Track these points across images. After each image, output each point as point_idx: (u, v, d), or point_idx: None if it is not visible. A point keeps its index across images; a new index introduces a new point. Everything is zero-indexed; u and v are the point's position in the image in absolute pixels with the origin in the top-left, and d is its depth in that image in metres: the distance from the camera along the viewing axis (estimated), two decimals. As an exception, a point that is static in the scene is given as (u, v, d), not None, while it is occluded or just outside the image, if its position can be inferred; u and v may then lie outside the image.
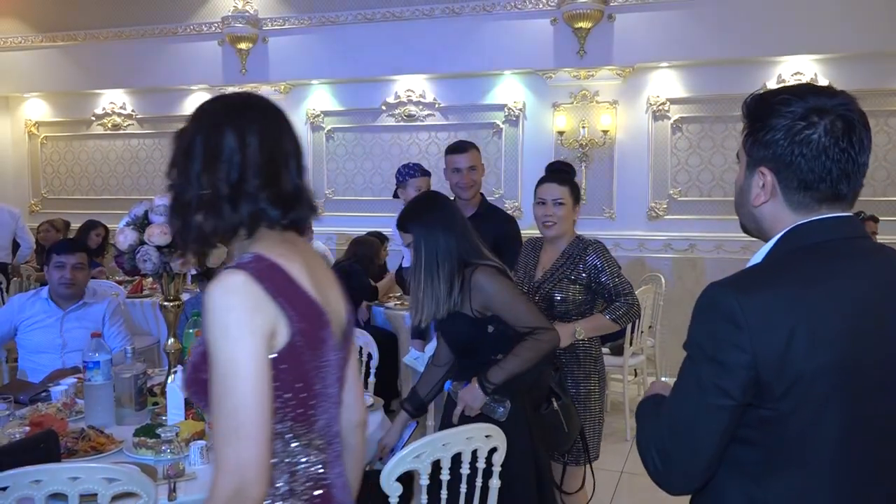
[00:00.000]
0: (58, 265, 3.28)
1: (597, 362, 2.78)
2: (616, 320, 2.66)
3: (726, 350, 1.17)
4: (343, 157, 7.31)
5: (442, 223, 2.23)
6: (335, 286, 1.44)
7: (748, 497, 1.20)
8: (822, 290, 1.17)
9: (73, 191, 8.36)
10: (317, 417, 1.28)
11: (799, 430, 1.15)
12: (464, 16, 6.59)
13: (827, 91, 1.24)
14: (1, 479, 1.62)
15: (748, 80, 6.04)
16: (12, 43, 8.10)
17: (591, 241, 2.75)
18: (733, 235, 6.07)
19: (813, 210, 1.24)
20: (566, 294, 2.64)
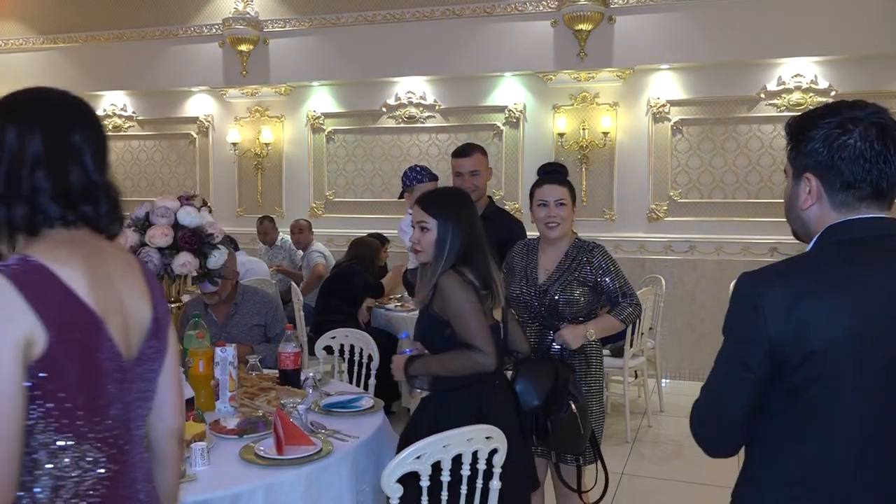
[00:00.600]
0: None
1: (602, 363, 2.81)
2: (623, 320, 2.68)
3: (748, 330, 1.35)
4: (343, 158, 7.32)
5: (465, 225, 2.28)
6: (136, 288, 1.34)
7: (775, 462, 1.37)
8: (840, 280, 1.32)
9: (73, 192, 8.36)
10: (89, 428, 1.21)
11: (817, 403, 1.30)
12: (464, 18, 6.60)
13: (859, 104, 1.37)
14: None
15: (748, 83, 6.06)
16: (13, 45, 8.11)
17: (593, 243, 2.76)
18: (733, 237, 6.09)
19: (854, 209, 1.35)
20: (575, 296, 2.64)
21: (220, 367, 2.64)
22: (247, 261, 5.70)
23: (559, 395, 2.45)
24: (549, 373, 2.49)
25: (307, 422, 2.38)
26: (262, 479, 2.00)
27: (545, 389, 2.45)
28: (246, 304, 3.57)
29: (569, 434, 2.46)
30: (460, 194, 2.44)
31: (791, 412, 1.34)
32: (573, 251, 2.71)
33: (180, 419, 1.49)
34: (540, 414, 2.44)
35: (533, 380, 2.48)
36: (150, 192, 7.81)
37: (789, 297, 1.30)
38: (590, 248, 2.72)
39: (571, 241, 2.74)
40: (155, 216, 2.49)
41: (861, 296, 1.30)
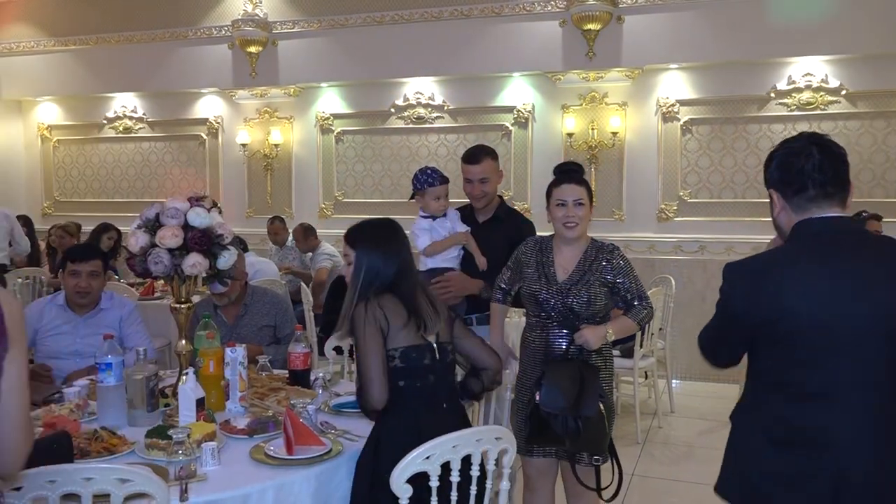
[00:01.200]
0: (73, 273, 3.26)
1: (612, 364, 2.81)
2: (639, 323, 2.68)
3: (727, 304, 1.87)
4: (352, 159, 7.33)
5: (385, 256, 2.29)
6: None
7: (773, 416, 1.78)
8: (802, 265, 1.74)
9: (84, 193, 8.42)
10: None
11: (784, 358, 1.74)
12: (473, 18, 6.60)
13: (802, 135, 1.85)
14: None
15: (758, 82, 6.03)
16: (25, 47, 8.17)
17: (611, 244, 2.75)
18: (744, 237, 6.05)
19: (807, 211, 1.77)
20: (595, 296, 2.62)
21: (230, 368, 2.65)
22: (256, 261, 5.72)
23: (589, 396, 2.45)
24: (573, 374, 2.49)
25: (317, 422, 2.38)
26: (272, 479, 2.00)
27: (572, 391, 2.45)
28: (255, 304, 3.58)
29: (596, 434, 2.48)
30: (385, 226, 2.41)
31: (766, 364, 1.80)
32: (592, 251, 2.70)
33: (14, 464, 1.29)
34: (569, 416, 2.43)
35: (558, 382, 2.47)
36: (160, 194, 7.86)
37: (757, 276, 1.77)
38: (609, 248, 2.71)
39: (588, 242, 2.73)
40: (165, 217, 2.50)
41: (811, 275, 1.72)
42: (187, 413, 2.35)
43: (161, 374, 2.79)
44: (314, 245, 6.54)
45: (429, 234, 3.21)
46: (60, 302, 3.35)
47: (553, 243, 2.76)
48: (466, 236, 3.22)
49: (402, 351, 2.21)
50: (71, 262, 3.28)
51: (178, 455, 2.06)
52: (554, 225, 2.71)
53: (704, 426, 5.07)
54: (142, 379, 2.46)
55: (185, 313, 2.66)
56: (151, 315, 5.35)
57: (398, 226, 2.43)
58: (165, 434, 2.15)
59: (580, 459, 2.63)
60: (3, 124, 8.37)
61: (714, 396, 5.75)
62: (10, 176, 8.31)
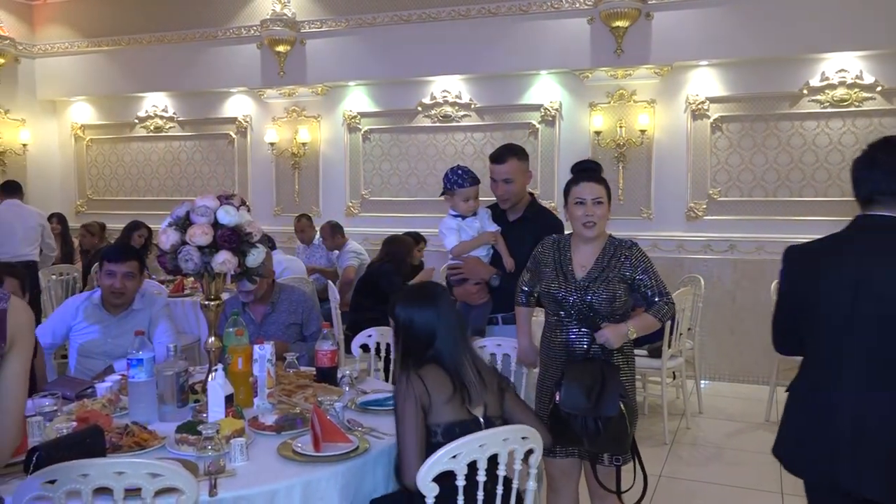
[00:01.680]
0: (108, 273, 3.28)
1: (634, 363, 2.78)
2: (660, 319, 2.65)
3: (780, 285, 2.21)
4: (379, 157, 7.36)
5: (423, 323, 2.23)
6: None
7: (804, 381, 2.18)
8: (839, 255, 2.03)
9: (116, 192, 8.56)
10: None
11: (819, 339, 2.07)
12: (500, 16, 6.58)
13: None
14: (50, 473, 1.67)
15: (790, 79, 5.93)
16: (59, 48, 8.32)
17: (630, 241, 2.72)
18: (774, 236, 5.96)
19: (866, 208, 2.04)
20: (615, 293, 2.61)
21: (258, 365, 2.67)
22: (284, 259, 5.76)
23: (610, 396, 2.43)
24: (595, 373, 2.47)
25: (344, 419, 2.39)
26: (300, 476, 2.02)
27: (593, 390, 2.43)
28: (283, 302, 3.61)
29: (618, 434, 2.46)
30: (424, 288, 2.37)
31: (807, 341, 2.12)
32: (610, 248, 2.68)
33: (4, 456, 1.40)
34: (590, 416, 2.41)
35: (578, 382, 2.45)
36: (189, 192, 7.96)
37: (803, 260, 2.10)
38: (627, 245, 2.69)
39: (606, 239, 2.71)
40: (195, 215, 2.52)
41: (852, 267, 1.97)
42: (216, 409, 2.37)
43: (190, 370, 2.82)
44: (341, 243, 6.57)
45: (457, 233, 3.21)
46: (96, 301, 3.37)
47: (571, 242, 2.74)
48: (495, 236, 3.21)
49: (446, 427, 2.11)
50: (107, 262, 3.29)
51: (207, 451, 2.08)
52: (572, 224, 2.69)
53: (733, 428, 5.00)
54: (172, 375, 2.49)
55: (215, 310, 2.68)
56: (181, 312, 5.43)
57: (441, 289, 2.37)
58: (195, 430, 2.17)
59: (601, 460, 2.60)
60: (39, 124, 8.53)
61: (743, 398, 5.68)
62: (45, 174, 8.47)
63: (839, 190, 5.79)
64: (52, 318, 3.39)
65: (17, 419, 1.55)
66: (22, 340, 1.47)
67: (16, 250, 6.35)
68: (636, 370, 5.01)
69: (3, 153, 8.10)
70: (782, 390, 5.28)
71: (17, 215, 6.46)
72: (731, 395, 5.77)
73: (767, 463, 4.32)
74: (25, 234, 6.45)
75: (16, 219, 6.43)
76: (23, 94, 8.34)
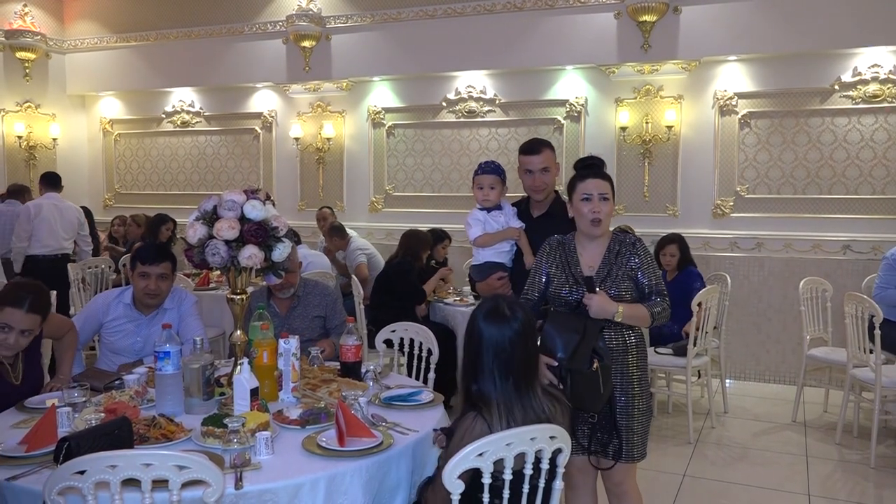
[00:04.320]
0: (142, 274, 3.28)
1: (645, 357, 2.70)
2: (653, 315, 2.56)
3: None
4: (403, 153, 7.36)
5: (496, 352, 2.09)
6: None
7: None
8: None
9: (143, 186, 8.66)
10: None
11: None
12: (525, 11, 6.55)
13: None
14: (80, 464, 1.69)
15: (821, 74, 5.84)
16: (89, 44, 8.43)
17: (633, 236, 2.67)
18: (803, 234, 5.88)
19: None
20: (625, 290, 2.56)
21: (283, 358, 2.68)
22: (308, 254, 5.79)
23: (584, 350, 2.38)
24: (576, 326, 2.43)
25: (368, 414, 2.40)
26: (324, 470, 2.02)
27: (571, 342, 2.39)
28: (308, 296, 3.63)
29: (588, 391, 2.38)
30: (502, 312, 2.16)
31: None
32: (615, 245, 2.63)
33: None
34: (563, 366, 2.37)
35: (559, 331, 2.42)
36: (215, 186, 8.03)
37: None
38: (631, 241, 2.64)
39: (611, 236, 2.66)
40: (222, 209, 2.54)
41: None
42: (242, 402, 2.39)
43: (216, 363, 2.83)
44: (342, 245, 6.47)
45: (482, 225, 3.20)
46: (127, 301, 3.37)
47: (576, 241, 2.68)
48: (518, 232, 3.19)
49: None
50: (141, 263, 3.29)
51: (232, 443, 2.10)
52: (578, 221, 2.63)
53: (759, 428, 4.94)
54: (198, 368, 2.51)
55: (241, 304, 2.70)
56: (206, 305, 5.48)
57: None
58: (221, 423, 2.19)
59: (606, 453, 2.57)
60: (69, 119, 8.66)
61: (770, 398, 5.61)
62: (74, 168, 8.59)
63: (870, 187, 5.69)
64: (81, 315, 3.41)
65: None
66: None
67: (59, 244, 6.52)
68: (660, 369, 4.98)
69: (34, 147, 8.23)
70: (810, 390, 5.27)
71: (58, 210, 6.59)
72: (757, 395, 5.70)
73: (794, 464, 4.28)
74: (65, 228, 6.60)
75: (57, 214, 6.57)
76: (53, 90, 8.47)
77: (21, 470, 1.98)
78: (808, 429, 4.88)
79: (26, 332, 2.73)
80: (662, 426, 4.95)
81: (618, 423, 2.54)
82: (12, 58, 8.05)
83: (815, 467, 4.22)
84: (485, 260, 3.23)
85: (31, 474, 1.97)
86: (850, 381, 4.59)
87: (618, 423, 2.54)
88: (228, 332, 4.82)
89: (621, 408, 2.56)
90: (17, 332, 2.70)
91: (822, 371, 5.27)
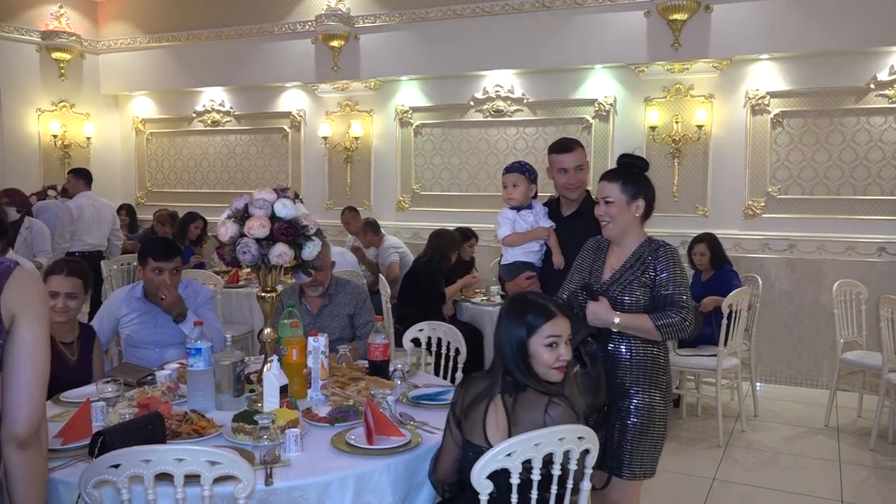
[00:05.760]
0: (156, 270, 3.33)
1: (663, 372, 2.53)
2: (659, 328, 2.39)
3: None
4: (431, 152, 7.37)
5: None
6: None
7: None
8: None
9: (174, 184, 8.77)
10: None
11: None
12: (554, 9, 6.51)
13: None
14: (114, 457, 1.72)
15: (856, 73, 5.73)
16: (122, 45, 8.56)
17: (662, 244, 2.52)
18: (837, 236, 5.78)
19: None
20: (635, 298, 2.45)
21: (312, 356, 2.70)
22: (335, 252, 5.81)
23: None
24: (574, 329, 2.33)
25: (396, 413, 2.40)
26: (353, 468, 2.03)
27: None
28: (338, 295, 3.65)
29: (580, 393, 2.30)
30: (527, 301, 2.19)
31: None
32: (640, 250, 2.51)
33: (25, 425, 1.44)
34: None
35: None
36: (244, 185, 8.11)
37: None
38: (654, 247, 2.49)
39: (641, 241, 2.54)
40: (253, 208, 2.56)
41: None
42: (271, 399, 2.41)
43: (246, 360, 2.86)
44: (376, 241, 6.50)
45: (511, 224, 3.19)
46: (138, 295, 3.42)
47: (609, 243, 2.63)
48: (548, 232, 3.18)
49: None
50: (154, 259, 3.33)
51: (262, 440, 2.11)
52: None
53: (790, 432, 4.87)
54: (229, 364, 2.54)
55: (271, 302, 2.72)
56: (235, 303, 5.55)
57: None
58: (251, 419, 2.21)
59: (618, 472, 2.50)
60: (102, 118, 8.80)
61: (802, 402, 5.52)
62: (107, 167, 8.73)
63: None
64: (100, 315, 3.47)
65: (32, 394, 1.47)
66: (27, 312, 1.46)
67: (94, 241, 6.76)
68: (690, 370, 4.92)
69: (68, 146, 8.39)
70: (843, 395, 5.18)
71: (95, 208, 6.85)
72: (788, 399, 5.62)
73: (827, 469, 4.21)
74: (100, 226, 6.86)
75: (95, 212, 6.82)
76: (87, 89, 8.62)
77: (57, 463, 2.02)
78: (841, 434, 4.79)
79: (72, 296, 3.00)
80: (692, 429, 4.90)
81: (622, 437, 2.46)
82: (48, 58, 8.20)
83: (849, 473, 4.15)
84: (513, 259, 3.23)
85: (67, 467, 2.01)
86: (886, 385, 4.50)
87: (622, 436, 2.46)
88: (257, 330, 4.88)
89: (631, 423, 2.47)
90: (64, 295, 2.97)
91: (855, 375, 5.18)
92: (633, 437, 2.46)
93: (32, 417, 1.49)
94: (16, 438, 1.46)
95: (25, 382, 1.46)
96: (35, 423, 1.50)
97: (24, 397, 1.46)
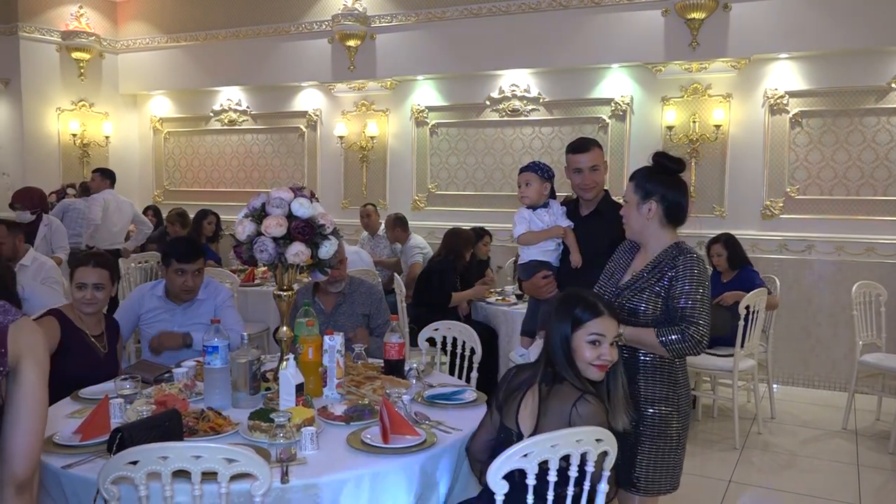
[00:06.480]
0: (179, 271, 3.38)
1: (677, 385, 2.41)
2: (664, 344, 2.28)
3: None
4: (446, 151, 7.37)
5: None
6: None
7: None
8: None
9: (192, 183, 8.84)
10: None
11: None
12: (571, 9, 6.49)
13: None
14: (132, 454, 1.74)
15: (876, 72, 5.67)
16: (140, 44, 8.64)
17: (684, 252, 2.37)
18: (856, 237, 5.72)
19: None
20: (649, 305, 2.36)
21: (327, 355, 2.71)
22: (350, 251, 5.83)
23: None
24: None
25: (411, 412, 2.41)
26: (368, 467, 2.04)
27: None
28: (353, 294, 3.66)
29: None
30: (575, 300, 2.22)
31: None
32: (661, 256, 2.39)
33: (24, 467, 1.43)
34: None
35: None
36: (261, 184, 8.15)
37: None
38: (675, 254, 2.36)
39: (666, 247, 2.41)
40: (270, 207, 2.57)
41: None
42: (287, 397, 2.42)
43: (262, 358, 2.87)
44: (403, 237, 6.57)
45: (527, 223, 3.19)
46: (160, 293, 3.48)
47: (640, 246, 2.55)
48: (564, 231, 3.16)
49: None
50: (177, 261, 3.38)
51: (278, 438, 2.13)
52: None
53: (808, 434, 4.82)
54: (245, 363, 2.55)
55: (288, 300, 2.72)
56: (251, 301, 5.57)
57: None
58: (267, 417, 2.22)
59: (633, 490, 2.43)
60: (121, 117, 8.89)
61: (819, 404, 5.47)
62: (125, 166, 8.80)
63: (928, 189, 5.51)
64: (120, 311, 3.51)
65: (31, 439, 1.48)
66: (30, 356, 1.47)
67: (114, 239, 6.90)
68: (706, 372, 4.88)
69: (87, 145, 8.48)
70: (862, 397, 5.12)
71: (118, 207, 6.98)
72: (805, 401, 5.57)
73: (845, 472, 4.17)
74: (121, 224, 7.01)
75: (117, 210, 6.96)
76: (106, 89, 8.70)
77: (76, 458, 2.05)
78: (860, 437, 4.74)
79: (99, 286, 3.04)
80: (708, 430, 4.87)
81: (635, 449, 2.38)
82: (68, 58, 8.29)
83: (867, 477, 4.11)
84: (530, 259, 3.21)
85: (86, 463, 2.03)
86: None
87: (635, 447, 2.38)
88: (272, 328, 4.90)
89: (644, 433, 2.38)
90: (91, 286, 3.01)
91: (874, 378, 5.12)
92: (648, 451, 2.38)
93: (33, 458, 1.49)
94: (15, 481, 1.45)
95: (28, 426, 1.46)
96: (34, 465, 1.50)
97: (27, 437, 1.46)
